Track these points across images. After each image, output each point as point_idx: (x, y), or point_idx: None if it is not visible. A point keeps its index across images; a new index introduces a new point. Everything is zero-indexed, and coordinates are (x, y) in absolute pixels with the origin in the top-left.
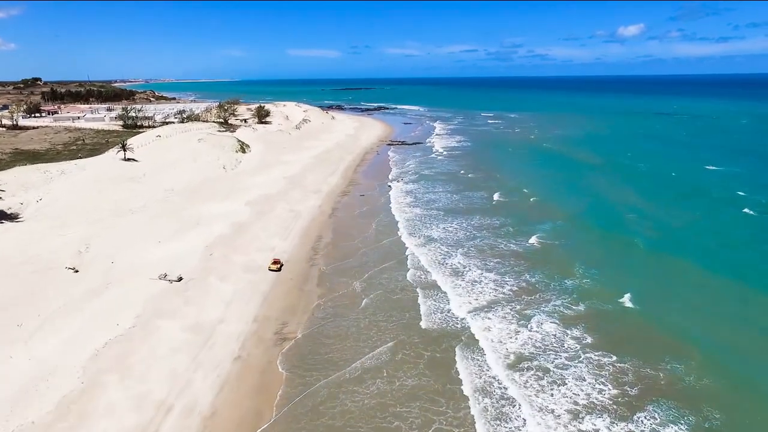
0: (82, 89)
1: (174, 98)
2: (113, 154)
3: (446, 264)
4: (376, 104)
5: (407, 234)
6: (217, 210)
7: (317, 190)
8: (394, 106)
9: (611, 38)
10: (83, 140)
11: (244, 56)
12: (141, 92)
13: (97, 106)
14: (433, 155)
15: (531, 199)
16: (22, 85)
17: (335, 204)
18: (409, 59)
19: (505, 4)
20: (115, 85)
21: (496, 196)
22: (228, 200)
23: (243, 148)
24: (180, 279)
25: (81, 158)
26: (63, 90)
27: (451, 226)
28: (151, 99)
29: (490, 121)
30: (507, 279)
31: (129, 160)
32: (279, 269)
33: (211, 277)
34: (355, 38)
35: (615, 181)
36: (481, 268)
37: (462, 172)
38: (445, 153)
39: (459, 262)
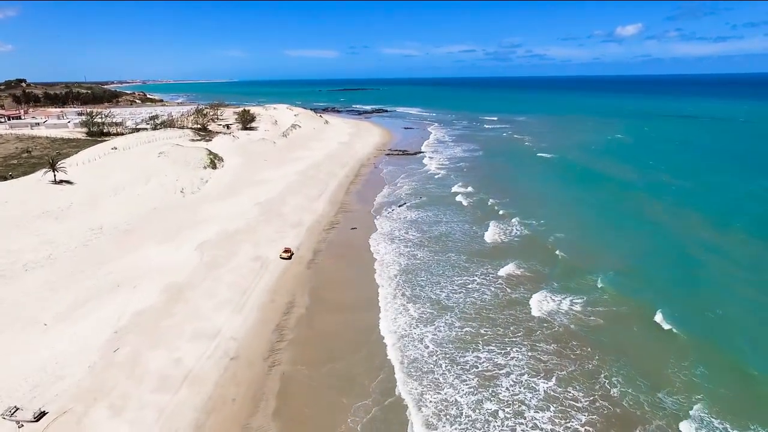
0: (61, 91)
1: (161, 100)
2: (40, 176)
3: (471, 367)
4: (373, 106)
5: (408, 298)
6: (153, 260)
7: (297, 223)
8: (392, 108)
9: (609, 38)
10: (29, 152)
11: (243, 57)
12: (129, 94)
13: (69, 109)
14: (438, 170)
15: (562, 236)
16: (3, 87)
17: (319, 243)
18: (407, 59)
19: (503, 4)
20: (111, 86)
21: (519, 231)
22: (174, 242)
23: (214, 162)
24: (39, 416)
25: (11, 178)
26: (39, 92)
27: (472, 282)
28: (136, 101)
29: (495, 126)
30: (580, 400)
31: (61, 182)
32: (290, 257)
33: (98, 406)
34: (354, 39)
35: (660, 208)
36: (531, 370)
37: (472, 194)
38: (451, 166)
39: (493, 359)
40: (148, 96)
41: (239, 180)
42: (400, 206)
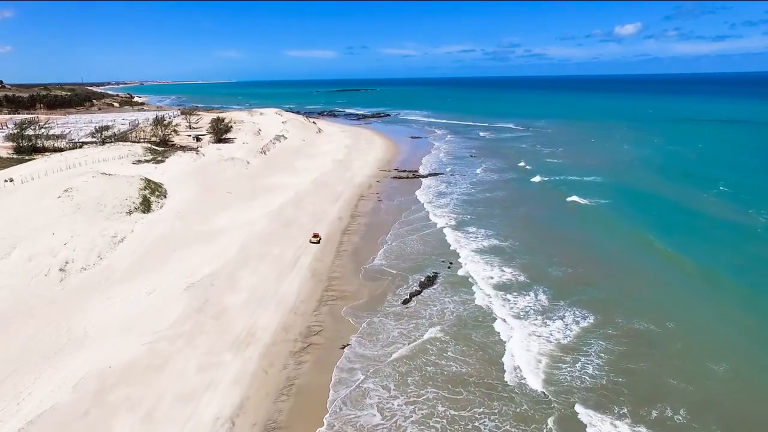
0: (26, 94)
1: (143, 103)
2: None
3: None
4: (374, 110)
5: None
6: None
7: (247, 337)
8: (395, 112)
9: (608, 37)
10: None
11: (241, 57)
12: (113, 95)
13: (19, 116)
14: (462, 209)
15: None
16: None
17: (277, 399)
18: (406, 59)
19: (502, 4)
20: (107, 87)
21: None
22: None
23: (148, 201)
24: None
25: None
26: (1, 96)
27: None
28: (115, 104)
29: (515, 134)
30: None
31: None
32: (318, 242)
33: None
34: (353, 39)
35: None
36: None
37: (519, 259)
38: (479, 198)
39: None
40: (133, 98)
41: (177, 232)
42: (420, 289)
